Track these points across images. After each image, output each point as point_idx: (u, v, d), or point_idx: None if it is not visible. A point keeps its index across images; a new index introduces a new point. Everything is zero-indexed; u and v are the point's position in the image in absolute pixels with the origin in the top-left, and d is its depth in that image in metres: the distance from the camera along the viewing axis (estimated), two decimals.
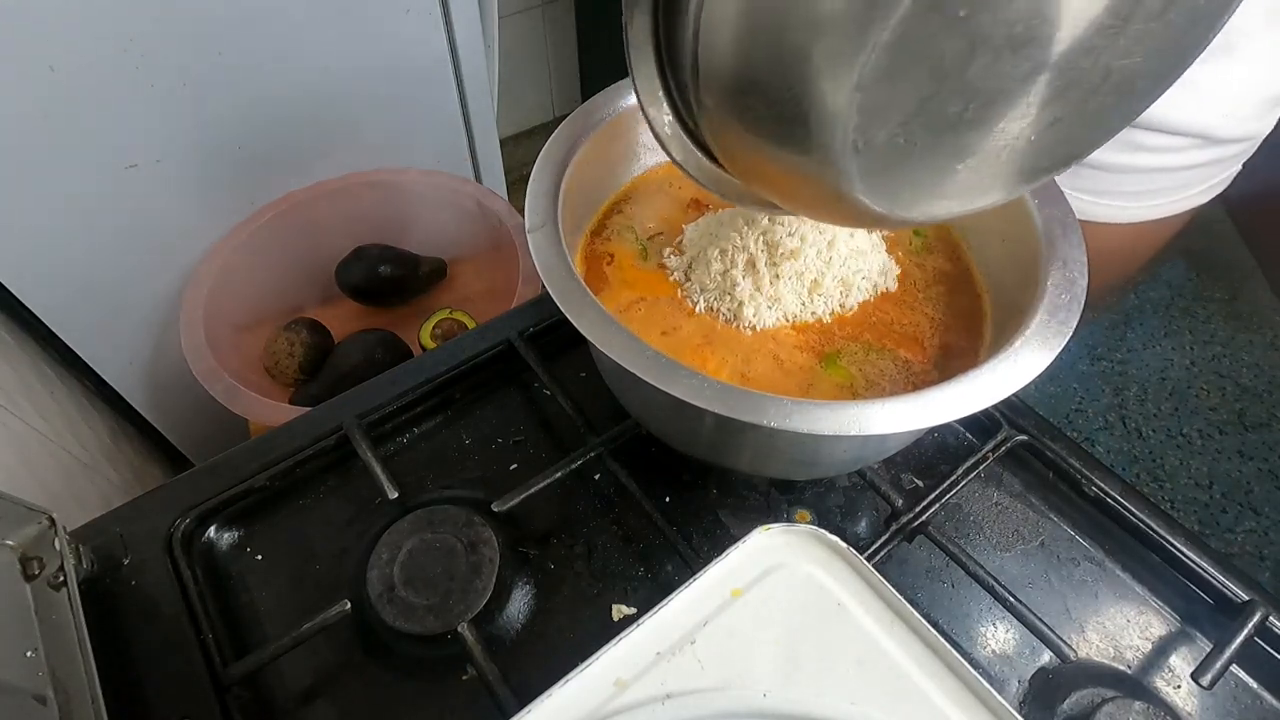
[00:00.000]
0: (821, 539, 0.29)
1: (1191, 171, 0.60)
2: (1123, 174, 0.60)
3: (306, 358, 0.82)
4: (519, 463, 0.47)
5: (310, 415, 0.49)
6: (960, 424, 0.50)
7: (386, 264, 0.88)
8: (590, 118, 0.44)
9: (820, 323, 0.42)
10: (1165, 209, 0.63)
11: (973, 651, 0.41)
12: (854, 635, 0.27)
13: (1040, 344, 0.34)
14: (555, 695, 0.26)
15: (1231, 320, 1.65)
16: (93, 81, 0.68)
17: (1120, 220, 0.63)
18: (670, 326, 0.42)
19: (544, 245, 0.37)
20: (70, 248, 0.76)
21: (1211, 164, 0.60)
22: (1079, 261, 0.37)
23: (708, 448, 0.41)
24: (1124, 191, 0.61)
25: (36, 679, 0.33)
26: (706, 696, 0.26)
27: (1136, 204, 0.62)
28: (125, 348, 0.88)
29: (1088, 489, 0.44)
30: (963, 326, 0.43)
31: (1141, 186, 0.61)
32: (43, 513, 0.37)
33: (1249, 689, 0.39)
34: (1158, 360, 1.58)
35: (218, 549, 0.44)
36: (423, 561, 0.40)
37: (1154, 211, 0.63)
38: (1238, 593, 0.40)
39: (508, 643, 0.40)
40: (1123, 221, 0.63)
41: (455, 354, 0.51)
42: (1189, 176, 0.61)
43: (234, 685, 0.38)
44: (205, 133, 0.78)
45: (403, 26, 0.83)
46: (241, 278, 0.82)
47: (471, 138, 1.01)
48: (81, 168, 0.72)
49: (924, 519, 0.43)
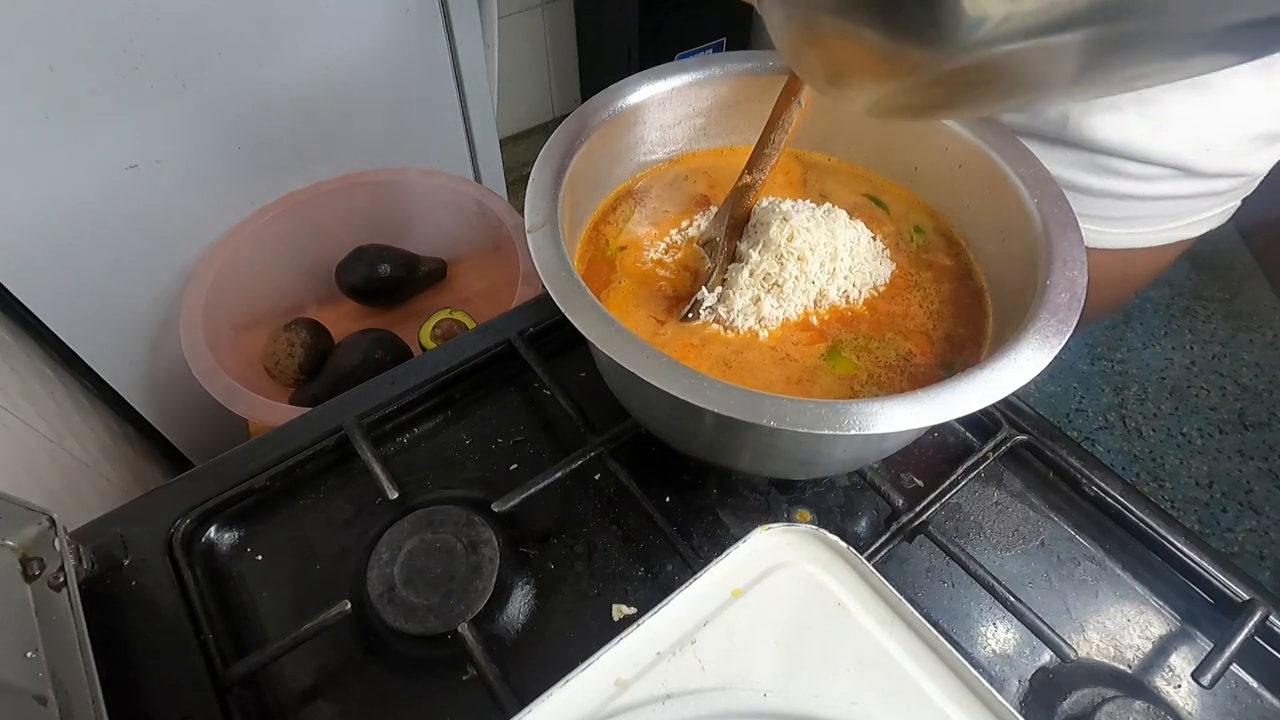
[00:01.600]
0: (822, 539, 0.29)
1: (1175, 202, 0.58)
2: (1096, 197, 0.58)
3: (306, 358, 0.82)
4: (519, 463, 0.47)
5: (310, 415, 0.49)
6: (960, 423, 0.50)
7: (386, 264, 0.88)
8: (590, 118, 0.44)
9: (822, 318, 0.42)
10: (1149, 239, 0.61)
11: (973, 651, 0.41)
12: (854, 635, 0.27)
13: (1040, 343, 0.34)
14: (555, 695, 0.26)
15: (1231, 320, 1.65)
16: (93, 81, 0.68)
17: (1099, 245, 0.61)
18: (670, 325, 0.42)
19: (544, 245, 0.37)
20: (70, 248, 0.76)
21: (1198, 197, 0.58)
22: (1079, 260, 0.37)
23: (708, 448, 0.41)
24: (1099, 215, 0.60)
25: (37, 679, 0.33)
26: (707, 696, 0.26)
27: (1115, 229, 0.61)
28: (125, 348, 0.88)
29: (1088, 488, 0.44)
30: (965, 320, 0.43)
31: (1119, 213, 0.59)
32: (43, 513, 0.37)
33: (1249, 688, 0.39)
34: (1158, 360, 1.58)
35: (218, 549, 0.44)
36: (423, 562, 0.40)
37: (1136, 240, 0.61)
38: (1238, 592, 0.40)
39: (508, 643, 0.40)
40: (1100, 246, 0.61)
41: (455, 354, 0.51)
42: (1172, 207, 0.59)
43: (234, 685, 0.38)
44: (205, 133, 0.78)
45: (403, 26, 0.83)
46: (241, 278, 0.82)
47: (471, 138, 1.01)
48: (81, 168, 0.72)
49: (924, 519, 0.43)
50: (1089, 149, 0.55)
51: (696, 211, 0.48)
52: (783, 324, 0.42)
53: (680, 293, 0.44)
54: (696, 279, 0.44)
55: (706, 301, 0.42)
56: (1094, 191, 0.58)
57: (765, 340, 0.41)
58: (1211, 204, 0.60)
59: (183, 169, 0.78)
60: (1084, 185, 0.58)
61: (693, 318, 0.42)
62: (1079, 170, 0.57)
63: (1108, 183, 0.57)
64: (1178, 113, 0.52)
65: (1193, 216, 0.61)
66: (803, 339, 0.41)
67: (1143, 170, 0.55)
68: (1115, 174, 0.56)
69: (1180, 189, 0.57)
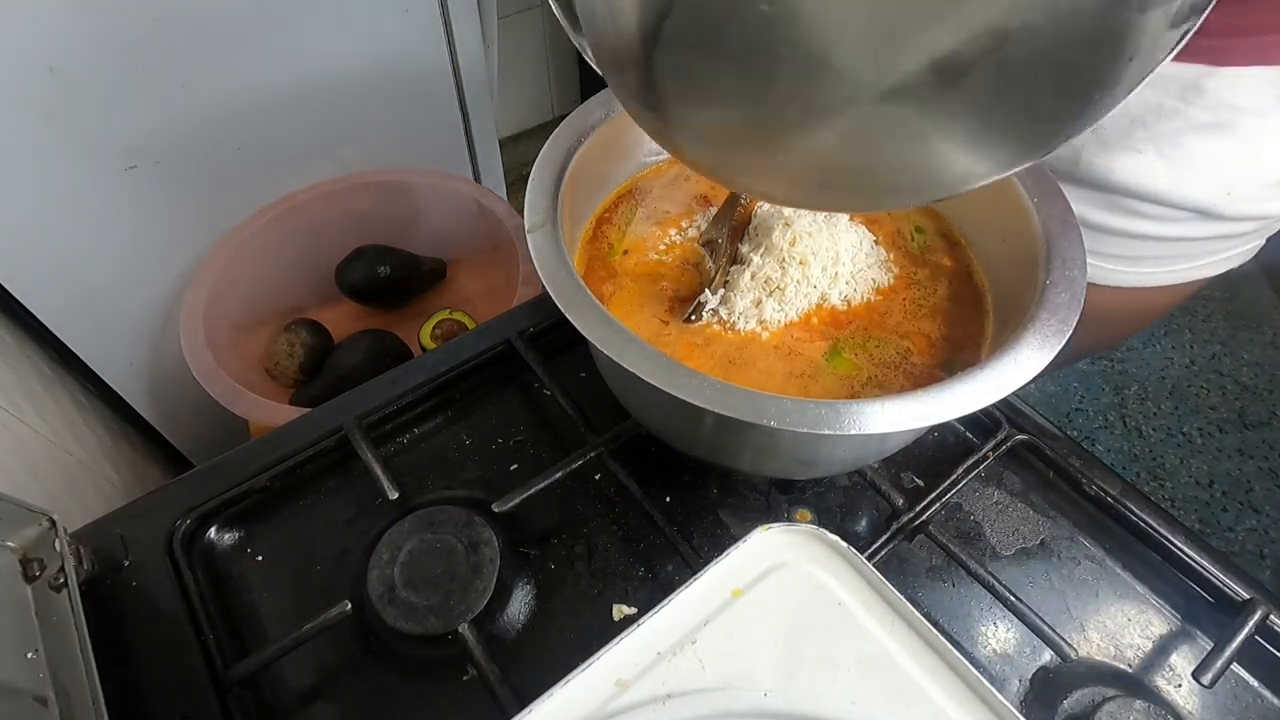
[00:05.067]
0: (822, 538, 0.29)
1: (1194, 244, 0.56)
2: (1110, 235, 0.56)
3: (306, 358, 0.82)
4: (519, 463, 0.47)
5: (310, 416, 0.49)
6: (960, 423, 0.50)
7: (386, 264, 0.88)
8: (590, 118, 0.44)
9: (823, 319, 0.42)
10: (1164, 278, 0.59)
11: (973, 651, 0.41)
12: (854, 635, 0.27)
13: (1040, 343, 0.34)
14: (556, 695, 0.26)
15: (1231, 319, 1.65)
16: (93, 81, 0.68)
17: (1111, 283, 0.59)
18: (670, 325, 0.42)
19: (544, 245, 0.37)
20: (70, 248, 0.76)
21: (1218, 239, 0.56)
22: (1078, 260, 0.37)
23: (708, 448, 0.41)
24: (1113, 254, 0.58)
25: (37, 680, 0.33)
26: (707, 696, 0.26)
27: (1129, 269, 0.58)
28: (125, 348, 0.88)
29: (1088, 488, 0.44)
30: (965, 320, 0.43)
31: (1135, 252, 0.57)
32: (43, 514, 0.37)
33: (1250, 687, 0.39)
34: (1158, 359, 1.58)
35: (218, 550, 0.44)
36: (423, 562, 0.40)
37: (1151, 279, 0.59)
38: (1238, 591, 0.40)
39: (508, 643, 0.40)
40: (1114, 285, 0.59)
41: (455, 354, 0.51)
42: (1190, 248, 0.57)
43: (235, 686, 0.38)
44: (205, 133, 0.78)
45: (402, 26, 0.83)
46: (241, 278, 0.82)
47: (471, 138, 1.01)
48: (81, 168, 0.72)
49: (924, 518, 0.43)
50: (1104, 189, 0.54)
51: (697, 211, 0.48)
52: (784, 325, 0.42)
53: (682, 293, 0.44)
54: (698, 279, 0.44)
55: (709, 304, 0.42)
56: (1108, 230, 0.56)
57: (767, 340, 0.41)
58: (1231, 245, 0.58)
59: (183, 169, 0.78)
60: (1098, 223, 0.56)
61: (695, 319, 0.42)
62: (1092, 208, 0.55)
63: (1123, 222, 0.55)
64: (1199, 155, 0.50)
65: (1211, 257, 0.58)
66: (803, 338, 0.41)
67: (1160, 211, 0.53)
68: (1131, 214, 0.54)
69: (1200, 231, 0.55)
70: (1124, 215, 0.55)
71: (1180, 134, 0.49)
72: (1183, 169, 0.50)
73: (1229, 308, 1.67)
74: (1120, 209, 0.55)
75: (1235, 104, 0.48)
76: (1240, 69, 0.46)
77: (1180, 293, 0.61)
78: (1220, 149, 0.50)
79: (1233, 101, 0.48)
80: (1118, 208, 0.55)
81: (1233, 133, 0.49)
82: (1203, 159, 0.50)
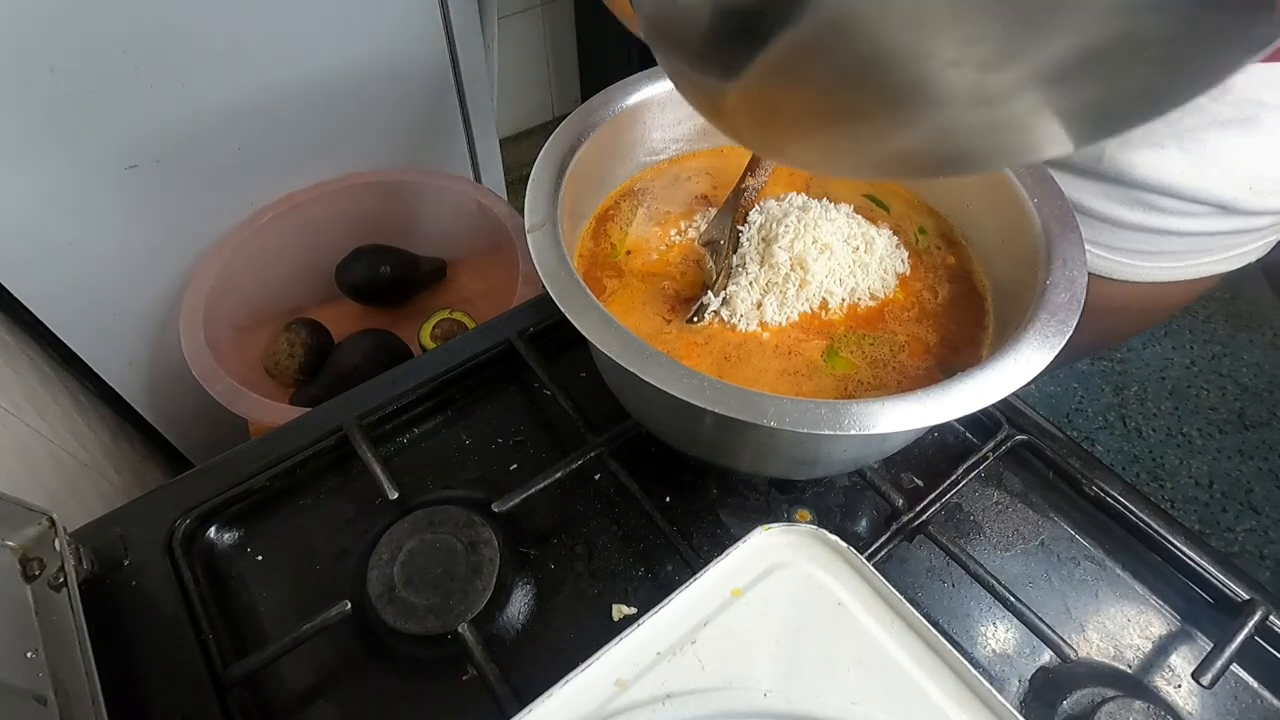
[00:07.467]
0: (822, 539, 0.29)
1: (1213, 238, 0.56)
2: (1130, 231, 0.56)
3: (306, 358, 0.82)
4: (519, 463, 0.47)
5: (310, 416, 0.49)
6: (960, 423, 0.50)
7: (386, 264, 0.88)
8: (590, 118, 0.44)
9: (824, 319, 0.42)
10: (1182, 273, 0.59)
11: (973, 651, 0.41)
12: (854, 635, 0.27)
13: (1040, 343, 0.34)
14: (556, 695, 0.26)
15: (1231, 319, 1.65)
16: (93, 81, 0.68)
17: (1127, 278, 0.59)
18: (670, 325, 0.42)
19: (544, 245, 0.37)
20: (70, 248, 0.76)
21: (1236, 233, 0.56)
22: (1079, 260, 0.37)
23: (708, 448, 0.41)
24: (1131, 249, 0.58)
25: (37, 679, 0.33)
26: (707, 696, 0.26)
27: (1146, 263, 0.58)
28: (125, 348, 0.88)
29: (1088, 488, 0.44)
30: (965, 320, 0.43)
31: (1153, 247, 0.57)
32: (43, 513, 0.37)
33: (1249, 688, 0.39)
34: (1157, 359, 1.58)
35: (218, 549, 0.44)
36: (423, 562, 0.40)
37: (1167, 274, 0.59)
38: (1238, 592, 0.40)
39: (508, 643, 0.40)
40: (1132, 280, 0.59)
41: (455, 354, 0.51)
42: (1209, 243, 0.57)
43: (234, 686, 0.38)
44: (205, 133, 0.78)
45: (402, 26, 0.83)
46: (241, 278, 0.82)
47: (471, 138, 1.01)
48: (81, 168, 0.72)
49: (924, 518, 0.43)
50: (1125, 184, 0.54)
51: (698, 211, 0.48)
52: (785, 325, 0.42)
53: (683, 293, 0.44)
54: (699, 278, 0.44)
55: (711, 305, 0.42)
56: (1127, 225, 0.56)
57: (768, 340, 0.41)
58: (1250, 239, 0.58)
59: (183, 169, 0.78)
60: (1117, 218, 0.56)
61: (697, 320, 0.42)
62: (1112, 203, 0.55)
63: (1142, 217, 0.55)
64: (1221, 150, 0.50)
65: (1228, 252, 0.59)
66: (802, 338, 0.41)
67: (1181, 206, 0.53)
68: (1151, 209, 0.54)
69: (1219, 226, 0.55)
70: (1144, 210, 0.55)
71: (1203, 129, 0.49)
72: (1205, 164, 0.51)
73: (1229, 308, 1.67)
74: (1141, 204, 0.55)
75: (1259, 99, 0.48)
76: (1266, 64, 0.46)
77: (1197, 287, 0.61)
78: (1243, 144, 0.50)
79: (1257, 97, 0.47)
80: (1138, 203, 0.55)
81: (1256, 128, 0.49)
82: (1225, 154, 0.50)
